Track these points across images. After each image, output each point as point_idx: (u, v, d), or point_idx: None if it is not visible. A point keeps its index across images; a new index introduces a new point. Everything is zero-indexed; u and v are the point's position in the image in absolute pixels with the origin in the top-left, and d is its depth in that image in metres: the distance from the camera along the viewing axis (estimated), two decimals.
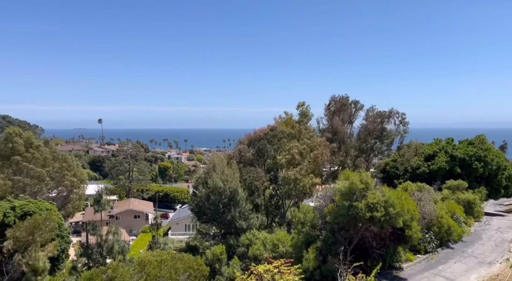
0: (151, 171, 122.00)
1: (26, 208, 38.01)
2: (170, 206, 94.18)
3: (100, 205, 36.34)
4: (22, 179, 49.01)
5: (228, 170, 42.05)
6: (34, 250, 31.94)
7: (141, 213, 72.42)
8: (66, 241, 40.31)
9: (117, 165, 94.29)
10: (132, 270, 23.50)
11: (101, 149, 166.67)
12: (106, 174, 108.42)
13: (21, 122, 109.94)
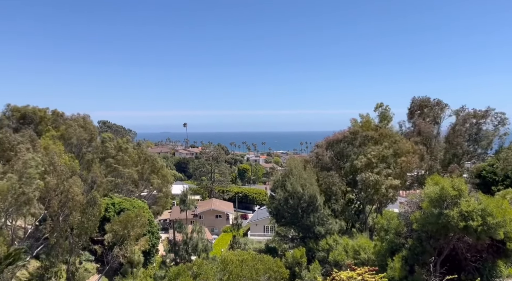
0: (231, 173, 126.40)
1: (122, 204, 42.03)
2: (249, 207, 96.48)
3: (185, 205, 38.65)
4: (114, 179, 54.14)
5: (306, 174, 41.79)
6: (129, 244, 35.11)
7: (222, 213, 75.27)
8: (156, 237, 43.63)
9: (200, 166, 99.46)
10: (216, 267, 24.53)
11: (185, 151, 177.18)
12: (190, 174, 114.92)
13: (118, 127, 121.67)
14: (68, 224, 32.62)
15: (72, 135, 49.28)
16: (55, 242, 31.56)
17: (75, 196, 32.95)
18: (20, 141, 38.67)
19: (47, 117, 54.70)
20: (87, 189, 38.10)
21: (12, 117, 57.68)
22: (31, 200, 30.14)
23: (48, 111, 55.99)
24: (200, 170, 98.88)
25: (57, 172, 34.58)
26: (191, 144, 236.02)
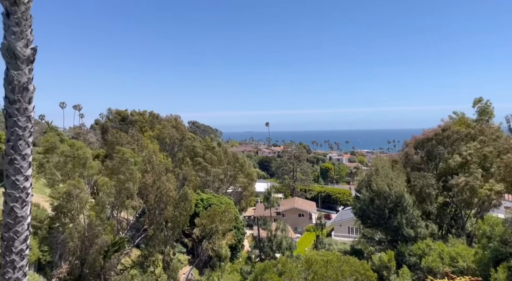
0: (313, 172, 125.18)
1: (210, 200, 44.26)
2: (332, 207, 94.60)
3: (269, 202, 39.31)
4: (205, 176, 57.15)
5: (393, 173, 39.63)
6: (217, 238, 36.85)
7: (305, 212, 74.98)
8: (241, 233, 45.14)
9: (282, 165, 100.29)
10: (300, 267, 24.56)
11: (268, 150, 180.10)
12: (273, 173, 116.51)
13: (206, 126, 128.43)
14: (163, 217, 35.41)
15: (166, 135, 53.35)
16: (153, 234, 34.51)
17: (169, 192, 35.66)
18: (128, 141, 43.02)
19: (144, 119, 59.99)
20: (179, 185, 40.95)
21: (114, 120, 64.54)
22: (132, 194, 33.44)
23: (145, 114, 61.45)
24: (282, 168, 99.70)
25: (154, 169, 37.80)
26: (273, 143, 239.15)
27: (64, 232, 27.38)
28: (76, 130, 76.83)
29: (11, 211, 8.56)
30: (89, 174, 32.66)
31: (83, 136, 64.16)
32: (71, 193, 27.38)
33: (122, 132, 52.20)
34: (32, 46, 8.42)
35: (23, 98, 8.54)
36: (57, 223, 27.61)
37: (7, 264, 8.23)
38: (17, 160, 8.65)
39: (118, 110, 65.76)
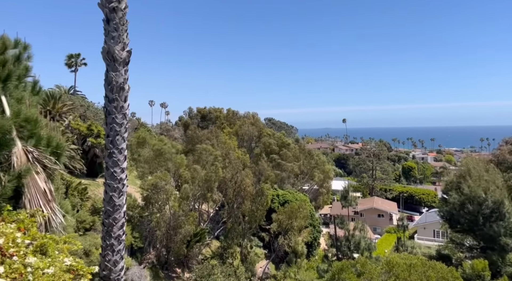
0: (394, 171, 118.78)
1: (286, 197, 44.42)
2: (415, 208, 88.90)
3: (347, 201, 38.25)
4: (280, 173, 57.46)
5: (488, 175, 35.81)
6: (293, 234, 36.88)
7: (385, 213, 71.57)
8: (317, 230, 44.60)
9: (360, 163, 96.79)
10: (380, 268, 23.48)
11: (345, 147, 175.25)
12: (350, 171, 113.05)
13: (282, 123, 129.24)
14: (241, 211, 36.45)
15: (244, 131, 54.74)
16: (231, 227, 35.73)
17: (246, 187, 36.60)
18: (208, 137, 45.15)
19: (223, 116, 62.25)
20: (255, 180, 41.79)
21: (196, 117, 67.99)
22: (213, 188, 34.97)
23: (223, 111, 63.73)
24: (360, 166, 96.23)
25: (232, 165, 39.05)
26: (350, 140, 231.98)
27: (152, 221, 29.63)
28: (162, 127, 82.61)
29: (110, 199, 9.42)
30: (174, 167, 34.87)
31: (169, 132, 68.69)
32: (158, 185, 29.53)
33: (202, 129, 54.89)
34: (127, 49, 9.16)
35: (120, 97, 9.31)
36: (146, 212, 29.99)
37: (107, 247, 9.09)
38: (115, 154, 9.47)
39: (199, 108, 69.28)
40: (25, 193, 5.19)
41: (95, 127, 36.35)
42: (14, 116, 5.25)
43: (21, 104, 5.87)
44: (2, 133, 4.89)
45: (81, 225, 24.38)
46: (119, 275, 9.29)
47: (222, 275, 27.84)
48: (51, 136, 5.89)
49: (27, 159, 5.28)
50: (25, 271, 4.02)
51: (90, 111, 48.70)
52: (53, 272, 4.16)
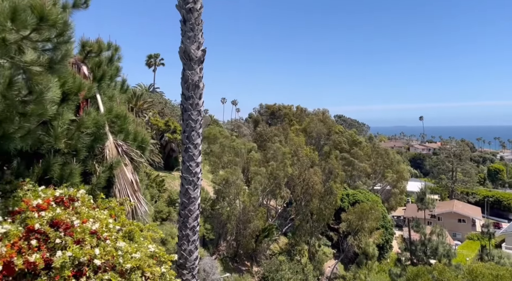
0: (478, 173, 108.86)
1: (356, 196, 43.11)
2: (502, 215, 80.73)
3: (423, 203, 36.03)
4: (351, 171, 55.82)
5: None
6: (363, 235, 35.71)
7: (467, 218, 66.01)
8: (389, 233, 42.64)
9: (439, 163, 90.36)
10: (461, 277, 21.76)
11: (421, 147, 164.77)
12: (427, 172, 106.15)
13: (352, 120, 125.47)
14: (309, 209, 36.18)
15: (313, 129, 54.15)
16: (299, 224, 35.67)
17: (314, 185, 36.22)
18: (276, 134, 45.55)
19: (292, 113, 62.16)
20: (324, 178, 41.12)
21: (265, 114, 68.75)
22: (281, 185, 35.18)
23: (292, 108, 63.63)
24: (439, 167, 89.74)
25: (301, 162, 38.89)
26: (427, 139, 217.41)
27: (223, 214, 30.70)
28: (233, 124, 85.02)
29: (186, 192, 9.93)
30: (244, 163, 35.71)
31: (239, 129, 70.45)
32: (229, 179, 30.50)
33: (270, 126, 55.38)
34: (202, 48, 9.55)
35: (195, 94, 9.75)
36: (218, 205, 31.15)
37: (183, 238, 9.61)
38: (191, 149, 9.96)
39: (268, 105, 69.92)
40: (116, 183, 5.69)
41: (172, 123, 38.58)
42: (107, 113, 5.78)
43: (112, 101, 6.43)
44: (97, 128, 5.40)
45: (159, 215, 26.11)
46: (193, 264, 9.78)
47: (290, 272, 27.93)
48: (138, 132, 6.38)
49: (117, 152, 5.78)
50: (116, 254, 4.40)
51: (167, 108, 51.80)
52: (139, 257, 4.51)
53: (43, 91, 4.43)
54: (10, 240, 4.02)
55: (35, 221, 4.25)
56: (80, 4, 5.35)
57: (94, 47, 6.03)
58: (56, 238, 4.24)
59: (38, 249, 4.15)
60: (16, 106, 4.55)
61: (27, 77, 4.29)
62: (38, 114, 4.61)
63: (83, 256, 4.12)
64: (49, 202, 4.62)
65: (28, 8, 3.65)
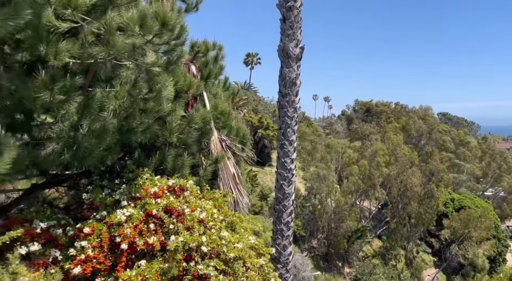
0: None
1: (463, 202, 39.13)
2: None
3: None
4: (458, 175, 50.75)
5: None
6: (469, 245, 32.32)
7: None
8: (503, 244, 37.85)
9: None
10: None
11: None
12: None
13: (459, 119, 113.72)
14: (406, 212, 33.91)
15: (412, 127, 50.57)
16: (395, 227, 33.69)
17: (413, 187, 33.81)
18: (372, 132, 43.69)
19: (390, 110, 58.82)
20: (425, 181, 38.10)
21: (360, 111, 66.21)
22: (376, 185, 33.62)
23: (391, 105, 60.18)
24: None
25: (398, 162, 36.63)
26: None
27: (315, 211, 30.49)
28: (325, 121, 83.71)
29: (281, 187, 10.11)
30: (337, 161, 34.95)
31: (331, 126, 69.14)
32: (321, 177, 30.16)
33: (366, 123, 53.15)
34: (300, 46, 9.56)
35: (291, 91, 9.84)
36: (308, 203, 31.05)
37: (278, 232, 9.81)
38: (286, 145, 10.09)
39: (363, 101, 67.23)
40: (219, 175, 6.05)
41: (265, 120, 39.50)
42: (213, 109, 6.16)
43: (216, 99, 6.83)
44: (204, 123, 5.79)
45: (252, 208, 27.02)
46: (287, 259, 9.92)
47: (384, 277, 26.57)
48: (240, 127, 6.69)
49: (221, 146, 6.13)
50: (220, 243, 4.69)
51: (261, 105, 53.21)
52: (241, 247, 4.73)
53: (161, 90, 4.90)
54: (133, 223, 4.53)
55: (153, 207, 4.73)
56: (191, 8, 5.77)
57: (202, 48, 6.47)
58: (170, 223, 4.67)
59: (155, 232, 4.61)
60: (138, 103, 5.11)
61: (148, 77, 4.78)
62: (156, 111, 5.12)
63: (193, 242, 4.47)
64: (164, 190, 5.10)
65: (153, 15, 4.05)
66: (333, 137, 47.49)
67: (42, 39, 3.94)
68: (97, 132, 4.68)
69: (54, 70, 4.18)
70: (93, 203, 4.83)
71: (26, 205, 7.03)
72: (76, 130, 4.77)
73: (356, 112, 69.15)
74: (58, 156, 4.61)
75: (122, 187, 5.01)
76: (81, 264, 4.20)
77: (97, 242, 4.38)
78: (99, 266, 4.26)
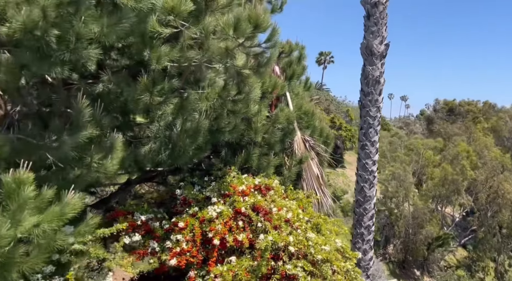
0: None
1: None
2: None
3: None
4: None
5: None
6: None
7: None
8: None
9: None
10: None
11: None
12: None
13: None
14: (497, 221, 30.82)
15: (503, 128, 45.77)
16: (483, 237, 30.80)
17: (505, 193, 30.62)
18: (456, 133, 40.48)
19: (477, 109, 53.97)
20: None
21: (441, 110, 61.57)
22: (460, 190, 31.04)
23: (478, 104, 55.17)
24: None
25: (487, 166, 33.42)
26: None
27: (390, 216, 29.08)
28: (402, 121, 79.43)
29: (361, 190, 9.78)
30: (416, 163, 32.94)
31: (408, 127, 65.34)
32: (396, 177, 28.72)
33: (449, 123, 49.27)
34: (385, 42, 9.15)
35: (375, 90, 9.45)
36: (384, 206, 29.68)
37: (358, 236, 9.51)
38: (367, 146, 9.73)
39: (446, 100, 62.41)
40: (303, 176, 6.03)
41: (337, 120, 38.63)
42: (297, 109, 6.15)
43: (297, 98, 6.82)
44: (288, 123, 5.81)
45: None
46: (368, 264, 9.59)
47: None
48: (323, 127, 6.61)
49: (305, 147, 6.10)
50: (307, 244, 4.66)
51: (333, 105, 52.09)
52: (329, 250, 4.65)
53: (250, 92, 5.01)
54: (224, 219, 4.70)
55: (241, 204, 4.85)
56: (277, 9, 5.82)
57: (286, 48, 6.49)
58: (258, 221, 4.75)
59: (243, 230, 4.73)
60: (226, 105, 5.29)
61: (238, 79, 4.92)
62: (244, 112, 5.25)
63: (281, 241, 4.50)
64: (250, 188, 5.21)
65: (246, 18, 4.15)
66: (411, 138, 44.81)
67: (146, 44, 4.25)
68: (191, 132, 4.94)
69: (154, 74, 4.49)
70: (186, 199, 5.10)
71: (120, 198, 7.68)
72: (171, 130, 5.09)
73: (437, 112, 64.42)
74: (156, 154, 4.95)
75: (212, 184, 5.22)
76: (176, 257, 4.46)
77: (190, 236, 4.62)
78: (192, 259, 4.49)
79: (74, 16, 3.23)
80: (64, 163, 3.89)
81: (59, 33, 3.24)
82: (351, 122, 47.63)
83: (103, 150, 4.17)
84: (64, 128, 3.74)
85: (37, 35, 3.22)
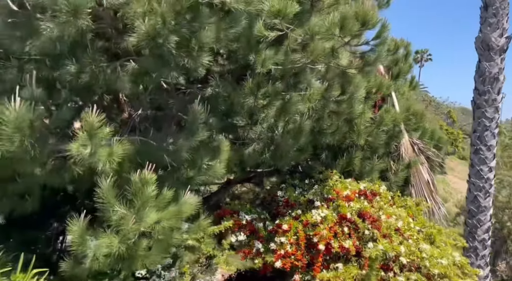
0: None
1: None
2: None
3: None
4: None
5: None
6: None
7: None
8: None
9: None
10: None
11: None
12: None
13: None
14: None
15: None
16: None
17: None
18: None
19: None
20: None
21: None
22: None
23: None
24: None
25: None
26: None
27: (502, 229, 25.73)
28: None
29: (474, 199, 8.79)
30: None
31: None
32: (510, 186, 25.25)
33: None
34: (506, 35, 8.13)
35: (492, 89, 8.46)
36: (494, 218, 26.38)
37: (470, 250, 8.54)
38: (482, 150, 8.72)
39: None
40: (411, 182, 5.59)
41: (437, 122, 35.55)
42: (405, 111, 5.74)
43: (403, 98, 6.36)
44: (394, 125, 5.44)
45: None
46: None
47: None
48: (435, 130, 6.09)
49: (413, 150, 5.66)
50: (420, 256, 4.28)
51: (431, 106, 48.22)
52: (446, 264, 4.21)
53: (354, 92, 4.80)
54: (328, 224, 4.56)
55: (347, 210, 4.66)
56: (384, 4, 5.49)
57: (391, 46, 6.11)
58: (364, 229, 4.51)
59: (349, 236, 4.53)
60: (329, 106, 5.14)
61: (344, 79, 4.75)
62: (347, 113, 5.05)
63: (391, 251, 4.20)
64: (355, 193, 4.98)
65: (352, 15, 3.98)
66: None
67: (252, 48, 4.32)
68: (293, 133, 4.90)
69: (259, 77, 4.54)
70: (288, 201, 5.07)
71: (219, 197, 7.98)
72: (273, 131, 5.11)
73: None
74: (259, 155, 5.02)
75: (314, 187, 5.11)
76: (281, 259, 4.45)
77: (294, 239, 4.56)
78: (296, 263, 4.43)
79: (192, 23, 3.40)
80: (179, 164, 4.14)
81: (178, 39, 3.44)
82: (453, 125, 43.69)
83: (210, 151, 4.35)
84: (180, 132, 3.98)
85: (159, 42, 3.46)
